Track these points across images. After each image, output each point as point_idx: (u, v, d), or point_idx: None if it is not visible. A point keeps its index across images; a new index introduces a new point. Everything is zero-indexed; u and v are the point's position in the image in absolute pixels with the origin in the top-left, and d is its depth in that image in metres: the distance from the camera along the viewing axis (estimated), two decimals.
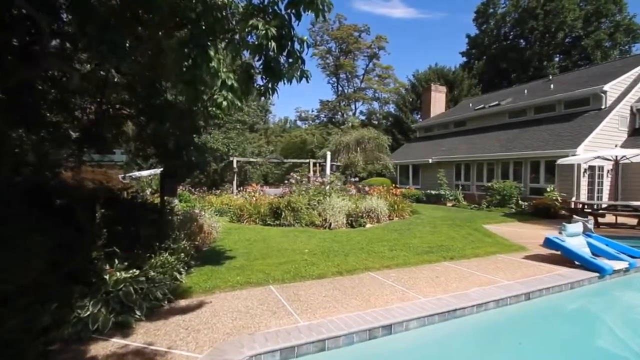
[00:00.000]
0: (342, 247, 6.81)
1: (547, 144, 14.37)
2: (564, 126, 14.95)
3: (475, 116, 21.13)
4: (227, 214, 11.43)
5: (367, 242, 7.30)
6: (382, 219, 10.17)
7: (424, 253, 6.37)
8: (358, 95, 40.16)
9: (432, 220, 10.93)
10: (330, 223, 9.01)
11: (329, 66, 42.03)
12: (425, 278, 4.90)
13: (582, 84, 16.19)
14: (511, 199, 14.34)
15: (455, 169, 18.72)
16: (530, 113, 17.59)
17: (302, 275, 4.89)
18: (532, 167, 14.80)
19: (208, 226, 7.07)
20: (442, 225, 9.75)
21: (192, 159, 4.65)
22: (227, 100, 3.20)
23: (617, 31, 34.07)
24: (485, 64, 39.89)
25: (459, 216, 12.15)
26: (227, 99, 3.19)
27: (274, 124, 50.12)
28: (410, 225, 9.73)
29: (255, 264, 5.47)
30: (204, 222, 7.06)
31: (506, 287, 4.48)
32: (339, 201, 9.59)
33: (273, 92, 4.26)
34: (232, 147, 17.96)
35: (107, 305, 3.10)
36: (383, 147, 18.58)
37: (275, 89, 4.23)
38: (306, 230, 8.81)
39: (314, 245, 6.92)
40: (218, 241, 7.24)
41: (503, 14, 40.50)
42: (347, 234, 8.29)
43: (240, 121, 19.38)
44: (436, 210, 14.38)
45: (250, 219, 9.82)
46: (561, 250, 5.73)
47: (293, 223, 9.44)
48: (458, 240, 7.67)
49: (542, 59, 36.91)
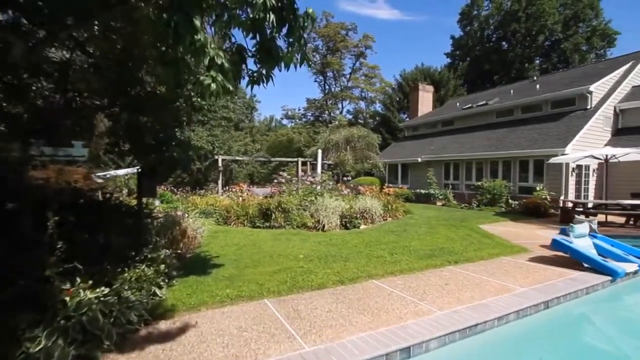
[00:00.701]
0: (340, 251, 6.34)
1: (536, 143, 14.42)
2: (551, 126, 15.06)
3: (463, 115, 21.17)
4: (212, 215, 10.74)
5: (365, 245, 6.86)
6: (376, 220, 9.78)
7: (426, 257, 5.99)
8: (345, 94, 39.84)
9: (427, 220, 10.64)
10: (323, 225, 8.53)
11: (316, 64, 41.51)
12: (434, 286, 4.49)
13: (568, 85, 16.40)
14: (501, 198, 14.31)
15: (445, 168, 18.64)
16: (518, 113, 17.70)
17: (300, 286, 4.38)
18: (521, 166, 14.82)
19: (192, 230, 6.44)
20: (438, 226, 9.46)
21: (173, 155, 4.05)
22: (216, 83, 2.64)
23: (594, 35, 35.25)
24: (469, 65, 40.43)
25: (452, 216, 11.94)
26: (216, 81, 2.64)
27: (260, 122, 49.21)
28: (406, 226, 9.37)
29: (246, 273, 4.91)
30: (188, 225, 6.42)
31: (523, 296, 4.13)
32: (333, 202, 9.13)
33: (268, 79, 3.71)
34: (217, 145, 17.17)
35: (65, 335, 2.49)
36: (373, 145, 18.26)
37: (270, 75, 3.69)
38: (298, 232, 8.29)
39: (309, 250, 6.41)
40: (203, 246, 6.62)
41: (486, 16, 41.19)
42: (342, 236, 7.82)
43: (225, 118, 18.58)
44: (428, 209, 14.16)
45: (238, 220, 9.20)
46: (569, 252, 5.47)
47: (284, 225, 8.90)
48: (458, 242, 7.35)
49: (523, 61, 37.78)
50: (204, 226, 6.95)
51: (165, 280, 4.09)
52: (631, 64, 16.41)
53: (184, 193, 16.92)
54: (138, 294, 3.32)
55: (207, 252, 6.27)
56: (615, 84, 15.46)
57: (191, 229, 6.40)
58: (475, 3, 41.63)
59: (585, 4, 34.73)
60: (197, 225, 6.73)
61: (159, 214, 7.74)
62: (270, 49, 3.30)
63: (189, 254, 6.04)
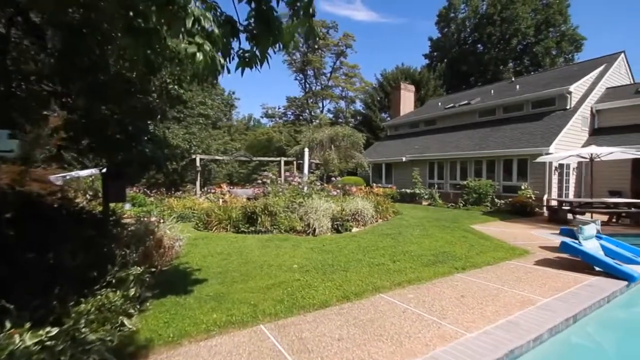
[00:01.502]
0: (336, 259, 5.76)
1: (520, 142, 14.54)
2: (533, 125, 15.26)
3: (445, 115, 21.23)
4: (191, 219, 9.87)
5: (362, 251, 6.33)
6: (367, 222, 9.30)
7: (431, 264, 5.54)
8: (326, 92, 39.36)
9: (418, 221, 10.30)
10: (314, 228, 7.92)
11: (296, 62, 40.77)
12: (450, 299, 4.02)
13: (546, 85, 16.75)
14: (487, 197, 14.31)
15: (429, 168, 18.56)
16: (500, 112, 17.90)
17: (300, 305, 3.76)
18: (505, 165, 14.91)
19: (169, 239, 5.64)
20: (431, 227, 9.11)
21: (145, 152, 3.30)
22: (203, 53, 1.98)
23: (563, 40, 36.87)
24: (446, 66, 41.15)
25: (442, 216, 11.70)
26: (203, 51, 1.97)
27: (238, 121, 47.82)
28: (399, 228, 8.95)
29: (234, 290, 4.23)
30: (164, 233, 5.61)
31: (549, 308, 3.73)
32: (323, 204, 8.54)
33: (263, 60, 3.05)
34: (194, 144, 16.09)
35: None
36: (357, 145, 17.86)
37: (266, 55, 3.04)
38: (287, 237, 7.63)
39: (302, 258, 5.79)
40: (182, 257, 5.83)
41: (463, 18, 42.12)
42: (335, 241, 7.25)
43: (203, 115, 17.50)
44: (415, 209, 13.90)
45: (220, 225, 8.41)
46: (581, 255, 5.20)
47: (271, 229, 8.21)
48: (457, 245, 6.99)
49: (498, 63, 38.93)
50: (182, 234, 6.15)
51: (137, 307, 3.34)
52: (604, 67, 17.00)
53: (158, 195, 15.77)
54: (101, 330, 2.58)
55: (187, 264, 5.50)
56: (592, 85, 15.93)
57: (168, 238, 5.60)
58: (452, 6, 42.47)
59: (555, 10, 36.23)
60: (175, 232, 5.93)
61: (130, 221, 6.86)
62: (268, 20, 2.67)
63: (165, 267, 5.25)
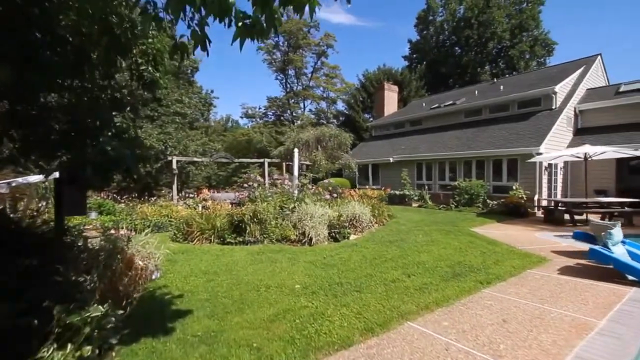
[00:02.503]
0: (344, 275, 5.00)
1: (509, 142, 14.44)
2: (520, 125, 15.25)
3: (431, 115, 21.08)
4: (168, 229, 8.78)
5: (369, 264, 5.60)
6: (365, 227, 8.61)
7: (450, 277, 4.90)
8: (307, 92, 38.60)
9: (416, 225, 9.75)
10: (310, 237, 7.12)
11: (276, 62, 39.76)
12: (493, 326, 3.37)
13: (531, 86, 16.87)
14: (478, 197, 14.07)
15: (417, 168, 18.25)
16: (486, 112, 17.88)
17: (318, 346, 2.95)
18: (495, 166, 14.77)
19: (142, 257, 4.65)
20: (433, 232, 8.56)
21: (106, 151, 2.38)
22: None
23: (536, 44, 38.21)
24: (426, 67, 41.60)
25: (438, 219, 11.25)
26: None
27: (215, 122, 46.06)
28: (399, 234, 8.33)
29: (229, 326, 3.35)
30: (136, 251, 4.62)
31: (611, 334, 3.16)
32: (319, 209, 7.75)
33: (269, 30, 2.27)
34: (170, 145, 14.79)
35: None
36: (345, 145, 17.21)
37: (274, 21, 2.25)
38: (281, 248, 6.78)
39: (304, 275, 4.98)
40: (159, 278, 4.85)
41: (441, 21, 42.79)
42: (336, 251, 6.49)
43: (178, 114, 16.20)
44: (407, 212, 13.41)
45: (203, 236, 7.41)
46: (614, 263, 4.74)
47: (261, 239, 7.32)
48: (468, 252, 6.43)
49: (476, 66, 39.79)
50: (159, 249, 5.16)
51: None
52: (584, 68, 17.37)
53: (130, 201, 14.37)
54: None
55: (166, 287, 4.54)
56: (574, 86, 16.17)
57: (141, 257, 4.61)
58: (430, 9, 43.05)
59: (528, 15, 37.48)
60: (150, 249, 4.94)
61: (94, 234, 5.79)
62: None
63: (138, 293, 4.28)
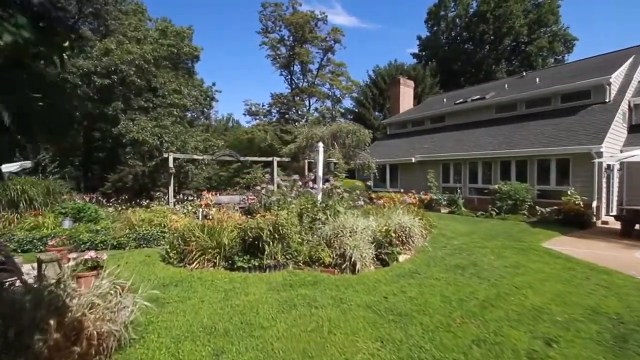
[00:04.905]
0: (437, 340, 3.03)
1: (557, 139, 12.49)
2: (568, 120, 13.31)
3: (455, 111, 19.16)
4: (159, 242, 6.83)
5: (460, 311, 3.64)
6: (414, 243, 6.64)
7: (610, 344, 2.94)
8: (314, 89, 36.58)
9: (470, 239, 7.81)
10: (354, 261, 5.15)
11: (280, 57, 37.74)
12: None
13: (575, 77, 14.96)
14: (523, 204, 12.12)
15: (443, 169, 16.31)
16: (521, 107, 15.95)
17: None
18: (540, 167, 12.82)
19: (101, 315, 2.69)
20: (503, 251, 6.62)
21: None
22: None
23: (555, 40, 36.32)
24: (437, 64, 39.70)
25: (487, 230, 9.31)
26: None
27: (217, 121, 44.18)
28: (461, 252, 6.38)
29: None
30: (89, 307, 2.66)
31: None
32: (360, 220, 5.79)
33: None
34: (166, 140, 12.82)
35: None
36: (364, 143, 15.28)
37: None
38: (316, 278, 4.79)
39: (370, 339, 3.02)
40: (134, 345, 2.89)
41: (454, 16, 40.92)
42: (395, 285, 4.52)
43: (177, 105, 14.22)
44: (442, 219, 11.41)
45: (204, 257, 5.44)
46: None
47: (284, 262, 5.37)
48: (584, 287, 4.48)
49: (491, 62, 37.91)
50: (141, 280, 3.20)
51: None
52: (634, 58, 15.45)
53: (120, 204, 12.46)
54: None
55: None
56: (626, 77, 14.27)
57: (99, 314, 2.65)
58: (442, 3, 41.19)
59: (547, 9, 35.62)
60: (126, 299, 2.97)
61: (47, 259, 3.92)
62: None
63: None
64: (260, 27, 36.01)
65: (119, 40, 12.80)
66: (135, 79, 12.60)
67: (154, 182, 19.25)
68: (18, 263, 5.73)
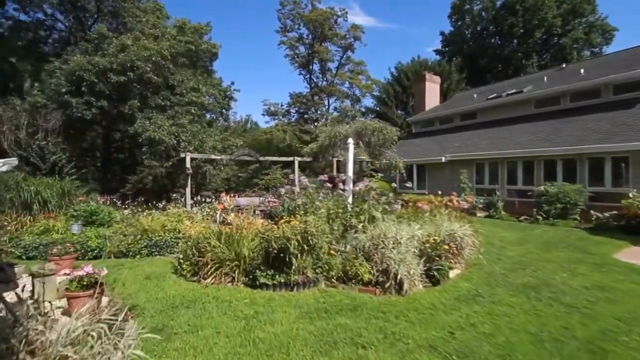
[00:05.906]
0: None
1: (613, 135, 11.04)
2: (625, 114, 11.79)
3: (488, 107, 17.77)
4: (173, 250, 6.15)
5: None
6: (464, 255, 5.63)
7: None
8: (333, 88, 35.69)
9: (525, 249, 6.71)
10: (400, 279, 4.23)
11: (299, 57, 37.09)
12: None
13: (630, 67, 13.35)
14: (575, 207, 10.74)
15: (476, 169, 15.03)
16: (565, 101, 14.44)
17: None
18: (592, 166, 11.39)
19: None
20: (571, 264, 5.50)
21: None
22: None
23: (592, 31, 33.81)
24: (462, 60, 37.89)
25: (539, 237, 8.14)
26: None
27: (235, 122, 44.11)
28: (523, 268, 5.32)
29: None
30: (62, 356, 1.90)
31: None
32: (406, 229, 4.86)
33: None
34: (183, 139, 12.31)
35: None
36: (391, 141, 14.21)
37: None
38: (355, 302, 3.91)
39: None
40: None
41: (480, 10, 39.00)
42: (458, 313, 3.58)
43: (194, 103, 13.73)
44: (484, 225, 10.21)
45: (221, 270, 4.68)
46: None
47: (314, 278, 4.52)
48: None
49: (520, 57, 35.79)
50: (130, 333, 2.43)
51: None
52: None
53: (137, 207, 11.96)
54: None
55: None
56: None
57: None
58: None
59: None
60: (122, 339, 2.21)
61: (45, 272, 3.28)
62: None
63: None
64: (279, 25, 35.52)
65: (136, 37, 12.50)
66: (152, 77, 12.19)
67: (173, 184, 18.97)
68: (18, 273, 5.17)
